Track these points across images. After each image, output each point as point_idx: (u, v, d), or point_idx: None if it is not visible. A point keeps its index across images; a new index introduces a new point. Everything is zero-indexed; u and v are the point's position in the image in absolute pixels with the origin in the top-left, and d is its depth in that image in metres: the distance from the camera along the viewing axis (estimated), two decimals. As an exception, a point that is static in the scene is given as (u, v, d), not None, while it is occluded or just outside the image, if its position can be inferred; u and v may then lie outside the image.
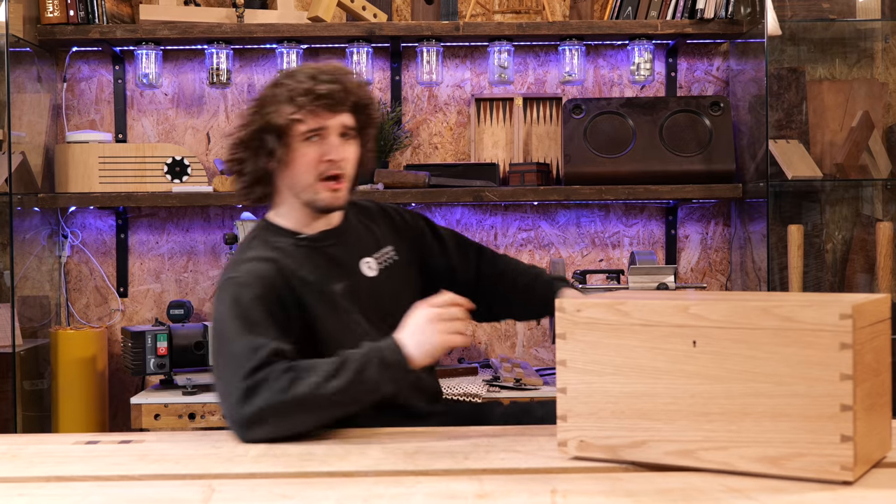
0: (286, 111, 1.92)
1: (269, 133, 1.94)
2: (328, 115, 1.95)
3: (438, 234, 2.23)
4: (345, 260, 2.04)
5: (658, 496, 1.36)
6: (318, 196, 1.97)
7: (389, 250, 2.12)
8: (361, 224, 2.13)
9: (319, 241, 2.03)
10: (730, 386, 1.45)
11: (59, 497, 1.42)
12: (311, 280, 1.96)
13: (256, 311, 1.83)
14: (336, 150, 1.96)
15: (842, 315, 1.38)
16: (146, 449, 1.72)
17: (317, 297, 1.95)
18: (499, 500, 1.35)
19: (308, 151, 1.95)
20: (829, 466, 1.39)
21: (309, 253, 2.01)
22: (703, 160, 3.26)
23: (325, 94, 1.92)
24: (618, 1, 3.30)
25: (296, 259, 1.97)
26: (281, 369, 1.73)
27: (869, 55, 3.45)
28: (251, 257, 1.94)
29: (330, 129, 1.96)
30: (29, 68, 3.28)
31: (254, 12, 3.30)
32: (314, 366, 1.75)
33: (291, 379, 1.72)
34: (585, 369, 1.55)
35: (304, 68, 1.99)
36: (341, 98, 1.95)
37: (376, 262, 2.08)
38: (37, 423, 3.28)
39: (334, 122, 1.96)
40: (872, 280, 3.28)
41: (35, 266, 3.34)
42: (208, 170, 3.43)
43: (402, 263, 2.13)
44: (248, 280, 1.88)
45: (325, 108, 1.94)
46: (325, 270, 2.00)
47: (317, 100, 1.92)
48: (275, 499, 1.38)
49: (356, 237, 2.09)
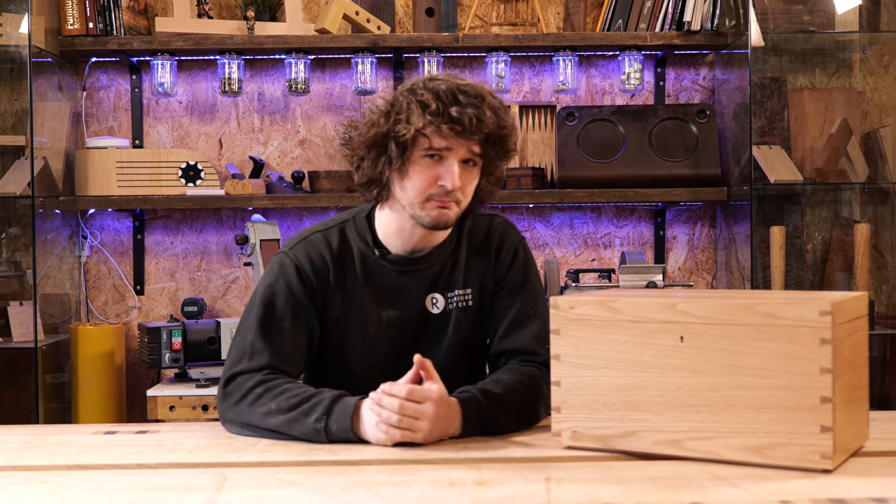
0: (414, 123, 1.72)
1: (394, 141, 1.75)
2: (455, 139, 1.74)
3: (514, 297, 1.92)
4: (412, 290, 1.88)
5: (647, 483, 1.36)
6: (424, 213, 1.78)
7: (467, 293, 1.91)
8: (461, 255, 1.91)
9: (397, 265, 1.87)
10: (715, 379, 1.45)
11: (79, 484, 1.42)
12: (358, 296, 1.87)
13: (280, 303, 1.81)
14: (453, 177, 1.75)
15: (821, 312, 1.38)
16: (161, 439, 1.72)
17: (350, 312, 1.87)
18: (496, 488, 1.35)
19: (425, 169, 1.76)
20: (810, 455, 1.39)
21: (379, 270, 1.88)
22: (689, 165, 3.26)
23: (456, 118, 1.71)
24: (609, 14, 3.30)
25: (362, 268, 1.87)
26: (253, 384, 1.73)
27: (847, 65, 3.45)
28: (315, 240, 1.87)
29: (453, 154, 1.76)
30: (50, 78, 3.28)
31: (264, 24, 3.31)
32: (281, 391, 1.70)
33: (256, 396, 1.71)
34: (578, 363, 1.55)
35: (447, 80, 1.77)
36: (473, 126, 1.72)
37: (444, 301, 1.89)
38: (58, 415, 3.29)
39: (460, 147, 1.75)
40: (851, 279, 3.28)
41: (56, 265, 3.34)
42: (220, 174, 3.43)
43: (477, 308, 1.91)
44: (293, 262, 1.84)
45: (453, 132, 1.73)
46: (383, 292, 1.88)
47: (447, 122, 1.72)
48: (283, 486, 1.38)
49: (439, 269, 1.89)
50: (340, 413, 1.63)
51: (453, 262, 1.90)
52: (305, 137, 3.49)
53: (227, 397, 1.76)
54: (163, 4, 3.47)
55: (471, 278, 1.91)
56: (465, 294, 1.90)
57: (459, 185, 1.76)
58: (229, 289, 3.49)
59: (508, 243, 1.93)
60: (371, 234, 1.89)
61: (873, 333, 3.20)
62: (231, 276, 3.49)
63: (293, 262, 1.84)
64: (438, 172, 1.76)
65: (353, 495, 1.33)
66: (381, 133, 1.77)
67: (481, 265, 1.92)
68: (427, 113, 1.72)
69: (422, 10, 3.32)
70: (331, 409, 1.64)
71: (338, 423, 1.62)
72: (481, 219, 1.95)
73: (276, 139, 3.49)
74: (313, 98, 3.48)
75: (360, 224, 1.90)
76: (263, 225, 3.10)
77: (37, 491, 1.38)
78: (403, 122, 1.74)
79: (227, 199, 3.25)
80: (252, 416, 1.71)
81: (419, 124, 1.72)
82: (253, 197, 3.24)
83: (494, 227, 1.94)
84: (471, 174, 1.80)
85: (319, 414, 1.63)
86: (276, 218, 3.41)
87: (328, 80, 3.48)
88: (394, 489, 1.35)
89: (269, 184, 3.33)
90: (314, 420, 1.63)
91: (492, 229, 1.94)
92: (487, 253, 1.92)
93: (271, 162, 3.49)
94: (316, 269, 1.85)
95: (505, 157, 1.83)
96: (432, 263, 1.88)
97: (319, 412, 1.64)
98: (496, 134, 1.77)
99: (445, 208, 1.78)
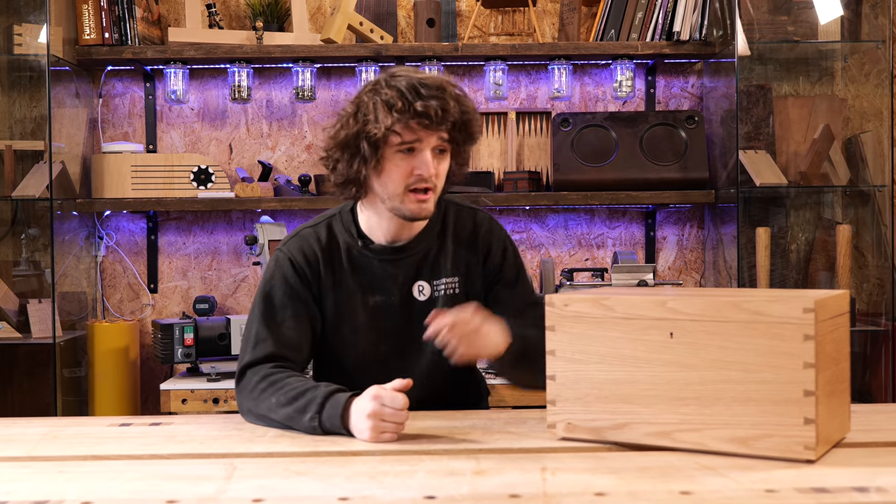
0: (383, 122, 1.74)
1: (365, 141, 1.77)
2: (424, 131, 1.76)
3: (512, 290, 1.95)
4: (398, 278, 1.89)
5: (638, 473, 1.36)
6: (404, 206, 1.80)
7: (454, 281, 1.91)
8: (444, 244, 1.93)
9: (380, 254, 1.89)
10: (703, 373, 1.45)
11: (95, 474, 1.42)
12: (347, 286, 1.89)
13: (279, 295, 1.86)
14: (428, 165, 1.77)
15: (805, 309, 1.38)
16: (174, 431, 1.72)
17: (340, 302, 1.89)
18: (494, 477, 1.35)
19: (400, 163, 1.78)
20: (794, 446, 1.39)
21: (363, 260, 1.89)
22: (679, 169, 3.26)
23: (422, 112, 1.73)
24: (602, 24, 3.30)
25: (348, 259, 1.89)
26: (258, 378, 1.77)
27: (829, 74, 3.45)
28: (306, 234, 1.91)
29: (424, 144, 1.78)
30: (68, 85, 3.28)
31: (272, 34, 3.31)
32: (281, 386, 1.73)
33: (262, 390, 1.75)
34: (572, 358, 1.55)
35: (407, 75, 1.78)
36: (439, 117, 1.75)
37: (430, 288, 1.90)
38: (75, 408, 3.29)
39: (430, 137, 1.78)
40: (833, 277, 3.28)
41: (73, 265, 3.34)
42: (230, 177, 3.43)
43: (464, 297, 1.91)
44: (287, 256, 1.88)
45: (421, 125, 1.75)
46: (368, 280, 1.89)
47: (414, 116, 1.73)
48: (290, 475, 1.38)
49: (423, 257, 1.90)
50: (331, 410, 1.65)
51: (438, 251, 1.92)
52: (312, 142, 3.49)
53: (241, 390, 1.81)
54: (175, 15, 3.47)
55: (458, 268, 1.92)
56: (452, 282, 1.92)
57: (435, 172, 1.79)
58: (239, 287, 3.49)
59: (497, 239, 1.95)
60: (355, 226, 1.92)
61: (854, 330, 3.20)
62: (241, 274, 3.49)
63: (287, 257, 1.89)
64: (413, 164, 1.78)
65: (357, 484, 1.33)
66: (351, 134, 1.79)
67: (467, 257, 1.93)
68: (394, 111, 1.74)
69: (423, 21, 3.32)
70: (322, 406, 1.66)
71: (329, 421, 1.65)
72: (465, 211, 1.97)
73: (284, 144, 3.49)
74: (319, 105, 3.48)
75: (345, 218, 1.93)
76: (271, 226, 3.10)
77: (55, 480, 1.38)
78: (372, 122, 1.76)
79: (236, 202, 3.25)
80: (261, 409, 1.75)
81: (388, 122, 1.74)
82: (261, 199, 3.24)
83: (479, 221, 1.96)
84: (443, 160, 1.83)
85: (313, 413, 1.66)
86: (283, 219, 3.41)
87: (333, 87, 3.48)
88: (396, 479, 1.35)
89: (277, 187, 3.33)
90: (308, 419, 1.67)
91: (477, 224, 1.96)
92: (474, 247, 1.94)
93: (279, 166, 3.49)
94: (308, 261, 1.88)
95: (471, 140, 1.86)
96: (414, 252, 1.90)
97: (313, 411, 1.66)
98: (460, 120, 1.80)
99: (423, 201, 1.80)
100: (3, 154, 3.27)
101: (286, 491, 1.30)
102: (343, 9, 3.22)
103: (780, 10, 3.33)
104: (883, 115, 3.28)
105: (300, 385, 1.71)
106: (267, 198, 3.25)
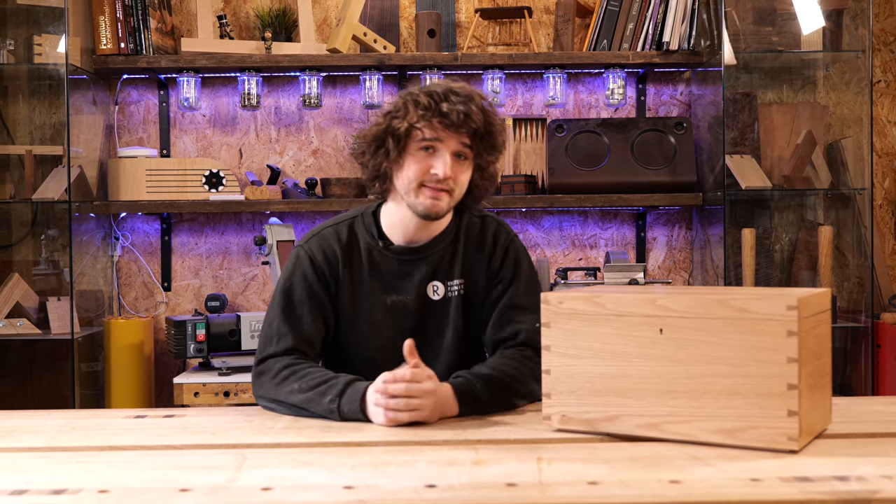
0: (408, 118, 1.77)
1: (390, 135, 1.79)
2: (445, 132, 1.78)
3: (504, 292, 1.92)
4: (413, 277, 1.89)
5: (630, 463, 1.36)
6: (418, 201, 1.80)
7: (459, 283, 1.91)
8: (459, 248, 1.92)
9: (399, 254, 1.89)
10: (691, 368, 1.45)
11: (111, 463, 1.42)
12: (365, 284, 1.89)
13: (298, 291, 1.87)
14: (445, 165, 1.78)
15: (788, 307, 1.38)
16: (187, 422, 1.72)
17: (358, 299, 1.89)
18: (492, 467, 1.35)
19: (419, 159, 1.79)
20: (778, 437, 1.39)
21: (383, 259, 1.89)
22: (668, 173, 3.26)
23: (445, 112, 1.75)
24: (595, 35, 3.30)
25: (367, 259, 1.89)
26: (281, 366, 1.78)
27: (812, 82, 3.45)
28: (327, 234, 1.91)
29: (444, 145, 1.78)
30: (85, 93, 3.28)
31: (280, 45, 3.31)
32: (304, 374, 1.75)
33: (284, 377, 1.76)
34: (567, 353, 1.55)
35: (440, 84, 1.81)
36: (460, 121, 1.75)
37: (444, 288, 1.91)
38: (92, 400, 3.29)
39: (450, 140, 1.78)
40: (815, 276, 3.28)
41: (91, 264, 3.34)
42: (241, 181, 3.43)
43: (467, 298, 1.92)
44: (307, 254, 1.89)
45: (442, 125, 1.77)
46: (387, 280, 1.89)
47: (437, 115, 1.76)
48: (298, 465, 1.38)
49: (438, 259, 1.90)
50: (351, 396, 1.67)
51: (452, 254, 1.92)
52: (318, 147, 3.49)
53: (259, 376, 1.82)
54: (188, 26, 3.47)
55: (466, 270, 1.92)
56: (461, 283, 1.92)
57: (451, 174, 1.78)
58: (249, 285, 3.49)
59: (501, 241, 1.95)
60: (377, 227, 1.92)
61: (836, 326, 3.20)
62: (250, 274, 3.49)
63: (307, 255, 1.89)
64: (431, 163, 1.79)
65: (362, 473, 1.33)
66: (381, 130, 1.82)
67: (475, 259, 1.93)
68: (419, 108, 1.76)
69: (424, 32, 3.32)
70: (343, 392, 1.68)
71: (348, 405, 1.67)
72: (476, 217, 1.97)
73: (292, 149, 3.49)
74: (325, 112, 3.48)
75: (367, 219, 1.93)
76: (280, 227, 3.10)
77: (73, 470, 1.38)
78: (399, 118, 1.78)
79: (246, 204, 3.25)
80: (279, 394, 1.76)
81: (412, 119, 1.77)
82: (270, 202, 3.24)
83: (487, 224, 1.96)
84: (462, 166, 1.82)
85: (333, 396, 1.68)
86: (291, 221, 3.41)
87: (339, 95, 3.48)
88: (399, 468, 1.35)
89: (285, 190, 3.33)
90: (328, 401, 1.68)
91: (485, 227, 1.95)
92: (482, 249, 1.93)
93: (287, 170, 3.49)
94: (328, 260, 1.89)
95: (493, 151, 1.84)
96: (431, 253, 1.90)
97: (333, 394, 1.68)
98: (483, 129, 1.79)
99: (437, 199, 1.80)
100: (23, 158, 3.27)
101: (294, 480, 1.30)
102: (348, 20, 3.22)
103: (765, 21, 3.33)
104: (863, 121, 3.28)
105: (322, 374, 1.74)
106: (275, 200, 3.25)
